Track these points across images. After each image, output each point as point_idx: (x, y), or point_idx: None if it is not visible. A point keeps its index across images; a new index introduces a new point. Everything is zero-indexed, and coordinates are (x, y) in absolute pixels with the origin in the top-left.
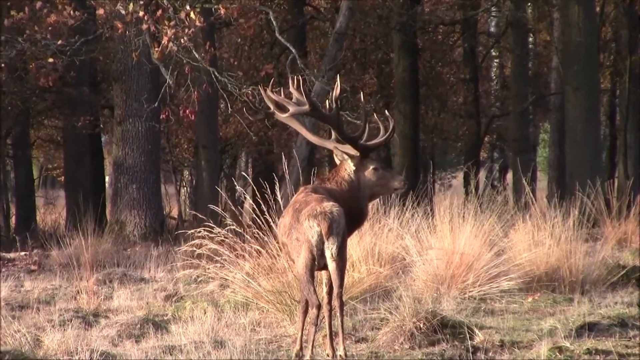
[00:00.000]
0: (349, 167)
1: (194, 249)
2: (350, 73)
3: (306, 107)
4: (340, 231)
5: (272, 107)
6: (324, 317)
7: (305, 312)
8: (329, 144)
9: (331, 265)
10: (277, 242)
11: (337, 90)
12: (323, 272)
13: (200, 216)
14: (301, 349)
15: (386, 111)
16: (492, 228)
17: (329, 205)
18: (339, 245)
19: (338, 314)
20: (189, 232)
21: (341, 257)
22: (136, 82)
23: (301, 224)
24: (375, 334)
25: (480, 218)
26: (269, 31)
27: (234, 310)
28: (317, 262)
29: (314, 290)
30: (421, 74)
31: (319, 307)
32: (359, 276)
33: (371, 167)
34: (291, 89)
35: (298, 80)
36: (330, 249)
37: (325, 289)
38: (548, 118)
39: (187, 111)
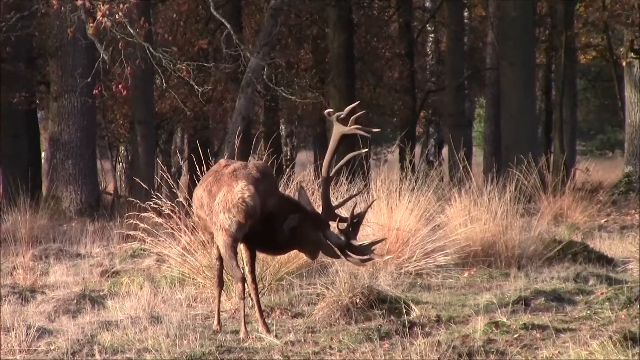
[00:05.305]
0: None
1: (137, 222)
2: (285, 48)
3: None
4: (256, 213)
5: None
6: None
7: (220, 285)
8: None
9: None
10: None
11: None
12: (243, 250)
13: (141, 186)
14: (219, 323)
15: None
16: (428, 203)
17: (239, 192)
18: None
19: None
20: (139, 203)
21: None
22: (72, 58)
23: (217, 214)
24: (311, 309)
25: (416, 193)
26: (205, 6)
27: (170, 286)
28: (238, 242)
29: (237, 264)
30: (356, 49)
31: (244, 280)
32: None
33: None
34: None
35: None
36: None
37: (247, 268)
38: (483, 93)
39: (120, 86)
